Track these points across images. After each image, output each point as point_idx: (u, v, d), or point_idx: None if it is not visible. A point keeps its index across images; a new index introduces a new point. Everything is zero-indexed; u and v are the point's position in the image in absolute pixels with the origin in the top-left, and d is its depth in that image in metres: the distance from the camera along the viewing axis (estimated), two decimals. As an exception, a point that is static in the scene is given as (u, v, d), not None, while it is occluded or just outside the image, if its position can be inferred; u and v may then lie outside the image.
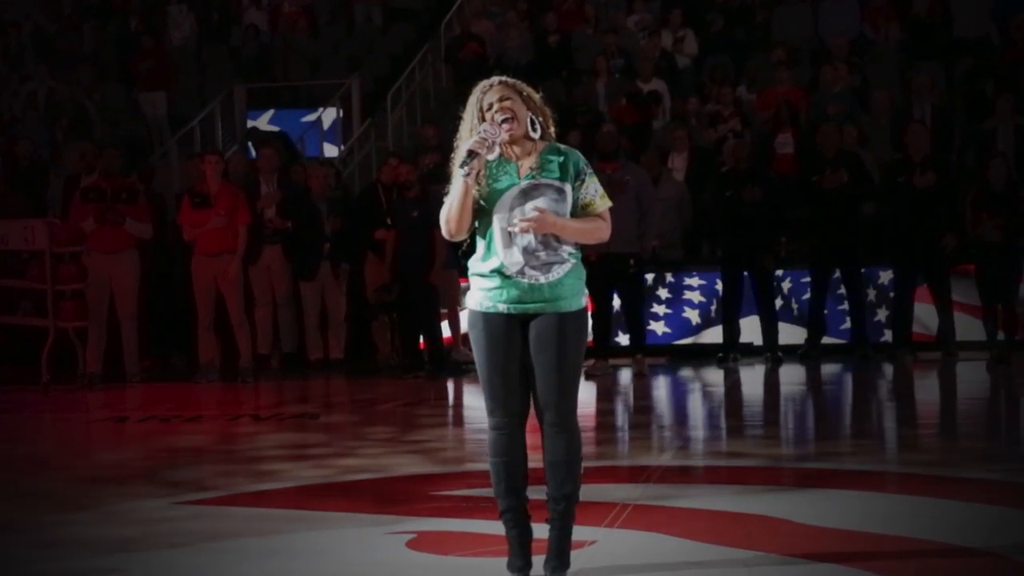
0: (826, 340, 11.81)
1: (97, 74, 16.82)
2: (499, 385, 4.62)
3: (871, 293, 11.93)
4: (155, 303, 12.22)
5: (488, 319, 4.63)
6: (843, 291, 11.70)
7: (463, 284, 11.46)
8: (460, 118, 4.74)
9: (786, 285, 12.07)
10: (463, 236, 4.66)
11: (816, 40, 15.40)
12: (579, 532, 4.83)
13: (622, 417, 9.62)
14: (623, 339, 11.73)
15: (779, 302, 11.89)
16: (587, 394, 9.97)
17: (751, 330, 11.69)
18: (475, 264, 4.70)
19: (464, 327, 11.65)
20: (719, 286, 11.87)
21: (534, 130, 4.67)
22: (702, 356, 11.88)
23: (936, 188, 11.11)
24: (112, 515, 6.14)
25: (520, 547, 4.71)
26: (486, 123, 4.61)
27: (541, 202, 4.59)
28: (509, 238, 4.58)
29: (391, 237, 11.43)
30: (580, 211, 4.66)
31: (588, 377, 10.53)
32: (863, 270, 11.71)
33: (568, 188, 4.64)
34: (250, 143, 15.15)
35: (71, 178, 12.87)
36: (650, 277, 11.94)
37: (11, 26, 17.77)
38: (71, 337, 11.35)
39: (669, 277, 12.21)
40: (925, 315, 11.67)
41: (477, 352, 4.67)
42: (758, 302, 11.59)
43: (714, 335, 11.98)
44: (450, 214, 4.61)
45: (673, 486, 6.51)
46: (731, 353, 11.60)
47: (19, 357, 12.31)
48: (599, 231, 4.67)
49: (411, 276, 11.17)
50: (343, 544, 5.43)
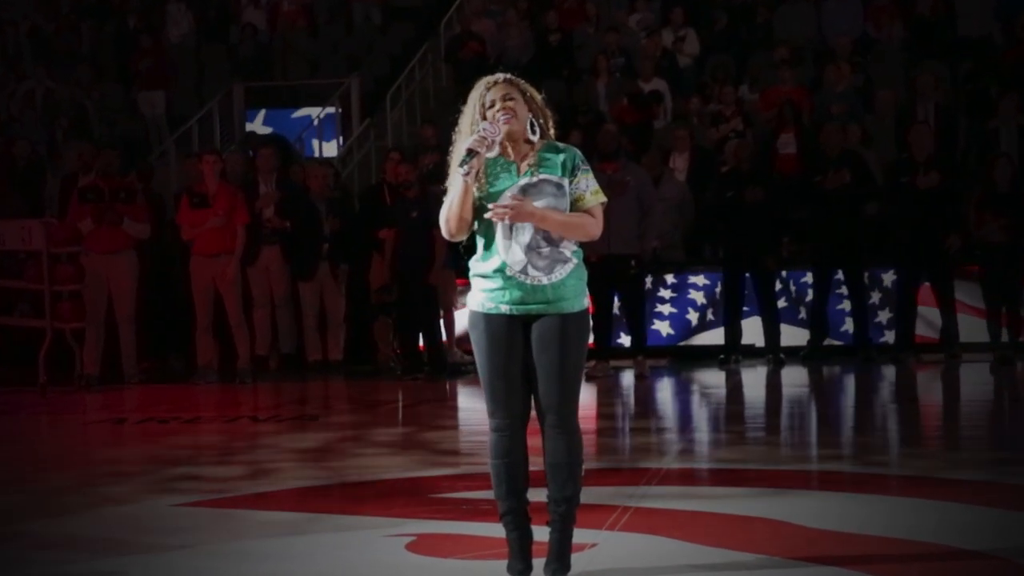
0: (828, 342, 11.78)
1: (95, 73, 16.78)
2: (500, 387, 4.60)
3: (874, 295, 11.87)
4: (153, 304, 12.19)
5: (490, 320, 4.60)
6: (844, 291, 11.64)
7: (459, 286, 11.41)
8: (460, 112, 4.70)
9: (790, 286, 12.01)
10: (463, 236, 4.63)
11: (819, 39, 15.38)
12: (580, 535, 4.82)
13: (623, 419, 9.59)
14: (625, 340, 11.65)
15: (783, 303, 11.82)
16: (588, 396, 9.95)
17: (753, 331, 11.63)
18: (476, 264, 4.67)
19: (458, 329, 11.61)
20: (718, 288, 11.82)
21: (533, 132, 4.64)
22: (704, 358, 11.82)
23: (940, 188, 11.10)
24: (110, 517, 6.12)
25: (520, 550, 4.69)
26: (486, 122, 4.58)
27: (541, 200, 4.55)
28: (510, 235, 4.53)
29: (391, 237, 11.36)
30: (571, 206, 4.63)
31: (589, 379, 10.50)
32: (866, 271, 11.66)
33: (567, 183, 4.61)
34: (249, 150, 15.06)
35: (68, 178, 12.83)
36: (649, 280, 11.84)
37: (8, 25, 17.72)
38: (68, 338, 11.29)
39: (671, 278, 12.14)
40: (928, 317, 11.62)
41: (478, 353, 4.64)
42: (760, 303, 11.55)
43: (715, 336, 11.92)
44: (450, 213, 4.58)
45: (674, 488, 6.50)
46: (733, 355, 11.55)
47: (16, 358, 12.24)
48: (586, 227, 4.60)
49: (410, 277, 11.11)
50: (342, 546, 5.42)
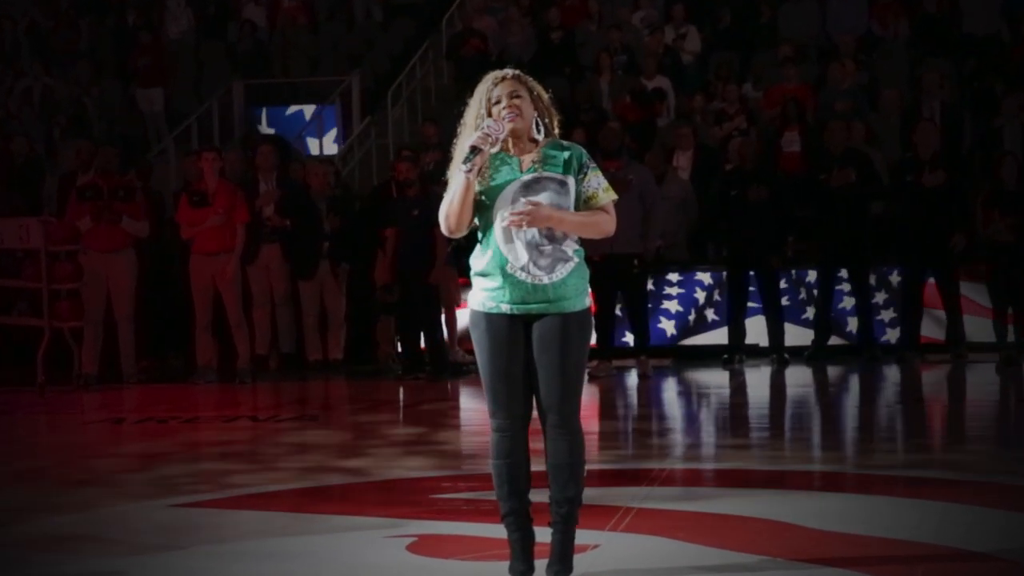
0: (833, 341, 11.72)
1: (94, 70, 16.74)
2: (502, 387, 4.56)
3: (879, 294, 11.81)
4: (152, 303, 12.17)
5: (491, 319, 4.56)
6: (847, 289, 11.60)
7: (461, 284, 11.36)
8: (463, 110, 4.65)
9: (795, 285, 11.95)
10: (463, 233, 4.60)
11: (823, 36, 15.33)
12: (582, 536, 4.80)
13: (626, 419, 9.55)
14: (627, 339, 11.57)
15: (787, 302, 11.75)
16: (590, 396, 9.90)
17: (757, 331, 11.56)
18: (475, 262, 4.62)
19: (460, 328, 11.54)
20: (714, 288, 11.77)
21: (538, 131, 4.61)
22: (707, 357, 11.76)
23: (945, 187, 11.06)
24: (108, 517, 6.10)
25: (522, 551, 4.66)
26: (490, 119, 4.54)
27: (543, 196, 4.51)
28: (511, 233, 4.50)
29: (392, 235, 11.29)
30: (583, 205, 4.59)
31: (591, 378, 10.50)
32: (871, 271, 11.61)
33: (571, 181, 4.57)
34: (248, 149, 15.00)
35: (67, 176, 12.79)
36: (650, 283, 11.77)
37: (6, 20, 17.65)
38: (67, 337, 11.26)
39: (675, 277, 12.07)
40: (934, 316, 11.57)
41: (479, 353, 4.60)
42: (764, 303, 11.48)
43: (719, 336, 11.84)
44: (450, 210, 4.54)
45: (677, 489, 6.51)
46: (736, 354, 11.49)
47: (14, 357, 12.23)
48: (602, 224, 4.58)
49: (412, 275, 11.04)
50: (342, 547, 5.39)
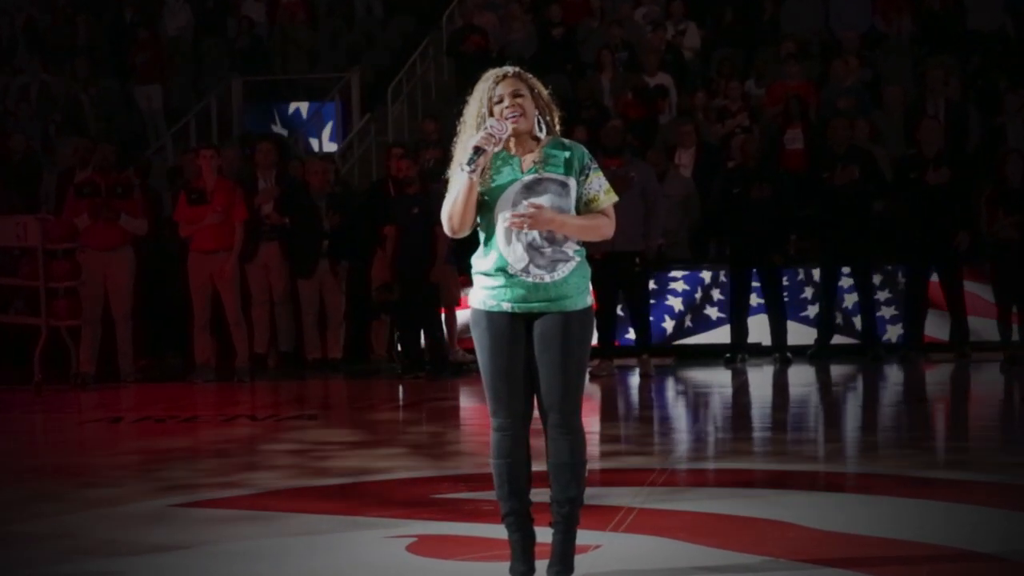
0: (836, 340, 11.68)
1: (91, 67, 16.67)
2: (502, 386, 4.54)
3: (883, 293, 11.75)
4: (150, 301, 12.13)
5: (492, 318, 4.54)
6: (850, 287, 11.54)
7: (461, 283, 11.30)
8: (463, 107, 4.61)
9: (798, 284, 11.90)
10: (466, 232, 4.58)
11: (826, 33, 15.29)
12: (583, 536, 4.78)
13: (627, 419, 9.52)
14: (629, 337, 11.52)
15: (787, 296, 11.69)
16: (591, 395, 9.87)
17: (760, 330, 11.50)
18: (477, 261, 4.60)
19: (460, 326, 11.47)
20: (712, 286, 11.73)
21: (540, 130, 4.59)
22: (709, 356, 11.70)
23: (949, 185, 11.00)
24: (106, 517, 6.06)
25: (523, 551, 4.63)
26: (493, 118, 4.51)
27: (545, 198, 4.50)
28: (511, 234, 4.49)
29: (392, 234, 11.23)
30: (584, 207, 4.58)
31: (593, 377, 10.50)
32: (874, 269, 11.56)
33: (572, 183, 4.55)
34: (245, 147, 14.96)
35: (65, 173, 12.72)
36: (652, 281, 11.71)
37: (3, 17, 17.62)
38: (64, 336, 11.23)
39: (677, 275, 12.01)
40: (937, 315, 11.52)
41: (480, 352, 4.58)
42: (766, 301, 11.44)
43: (721, 335, 11.79)
44: (453, 210, 4.52)
45: (679, 489, 6.47)
46: (739, 353, 11.44)
47: (11, 356, 12.19)
48: (602, 228, 4.57)
49: (412, 274, 10.97)
50: (342, 547, 5.36)
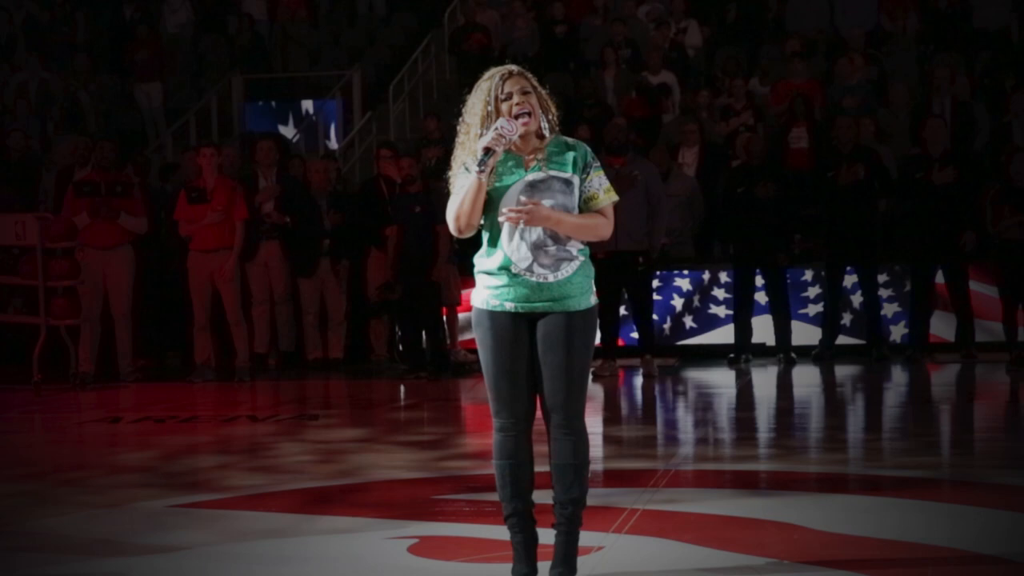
0: (841, 340, 11.63)
1: (91, 65, 16.62)
2: (505, 386, 4.53)
3: (888, 292, 11.69)
4: (150, 300, 12.10)
5: (494, 318, 4.53)
6: (855, 287, 11.50)
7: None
8: (463, 105, 4.58)
9: (802, 283, 11.85)
10: (471, 232, 4.56)
11: (832, 31, 15.29)
12: (586, 538, 4.78)
13: (630, 419, 9.48)
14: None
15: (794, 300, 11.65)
16: (595, 395, 9.84)
17: (764, 330, 11.44)
18: (481, 261, 4.59)
19: (461, 326, 11.42)
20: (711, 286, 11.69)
21: (545, 128, 4.56)
22: (713, 357, 11.65)
23: (955, 184, 10.97)
24: (105, 518, 6.06)
25: (525, 553, 4.62)
26: (503, 119, 4.47)
27: (549, 196, 4.48)
28: (515, 233, 4.46)
29: (393, 233, 11.17)
30: (583, 205, 4.57)
31: (596, 378, 10.48)
32: (880, 269, 11.51)
33: (576, 180, 4.55)
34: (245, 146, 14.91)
35: (64, 171, 12.68)
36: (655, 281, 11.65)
37: (2, 14, 17.57)
38: (63, 335, 11.17)
39: (680, 275, 11.97)
40: (943, 315, 11.47)
41: (483, 352, 4.57)
42: (771, 301, 11.40)
43: (725, 335, 11.74)
44: (461, 211, 4.49)
45: (682, 490, 6.46)
46: (743, 354, 11.37)
47: (10, 355, 12.17)
48: (598, 228, 4.55)
49: (413, 273, 10.91)
50: (342, 549, 5.35)
